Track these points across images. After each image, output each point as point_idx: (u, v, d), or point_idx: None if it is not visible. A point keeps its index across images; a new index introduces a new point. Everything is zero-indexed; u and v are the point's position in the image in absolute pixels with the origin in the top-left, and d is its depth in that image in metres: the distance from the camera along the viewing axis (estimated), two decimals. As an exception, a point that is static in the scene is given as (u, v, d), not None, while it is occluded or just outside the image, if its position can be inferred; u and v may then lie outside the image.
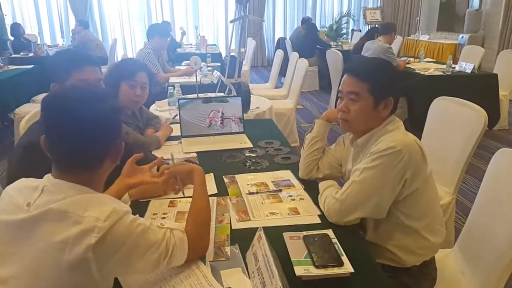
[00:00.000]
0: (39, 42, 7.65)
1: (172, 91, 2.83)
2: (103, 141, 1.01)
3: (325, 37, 8.67)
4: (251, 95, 3.01)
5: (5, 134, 4.95)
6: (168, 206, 1.52)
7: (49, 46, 7.26)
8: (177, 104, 2.25)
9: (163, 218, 1.43)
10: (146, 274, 1.09)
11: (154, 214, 1.46)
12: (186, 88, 3.16)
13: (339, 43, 7.95)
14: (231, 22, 3.14)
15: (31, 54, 6.26)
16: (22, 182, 1.04)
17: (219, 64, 4.74)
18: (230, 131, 2.28)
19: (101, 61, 5.50)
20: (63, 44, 8.19)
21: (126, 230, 0.95)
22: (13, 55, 6.42)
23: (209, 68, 4.15)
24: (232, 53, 3.55)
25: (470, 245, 1.65)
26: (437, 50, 7.85)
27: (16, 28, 7.00)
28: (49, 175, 1.00)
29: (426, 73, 4.60)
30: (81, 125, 0.96)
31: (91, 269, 0.90)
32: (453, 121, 2.28)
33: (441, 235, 1.47)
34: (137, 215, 1.03)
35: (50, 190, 0.96)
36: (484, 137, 2.13)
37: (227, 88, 2.89)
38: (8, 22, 8.13)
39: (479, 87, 4.43)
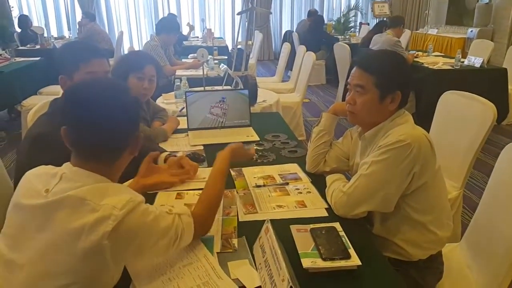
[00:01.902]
0: (45, 34, 7.68)
1: (179, 84, 2.83)
2: (123, 133, 1.04)
3: (333, 31, 8.62)
4: (258, 88, 3.00)
5: (13, 126, 4.98)
6: (176, 198, 1.52)
7: (55, 39, 7.27)
8: (184, 97, 2.24)
9: (170, 210, 1.43)
10: (156, 259, 1.10)
11: (161, 206, 1.45)
12: (193, 81, 3.16)
13: (347, 37, 7.89)
14: (238, 14, 3.14)
15: (37, 46, 6.28)
16: (42, 168, 1.06)
17: (225, 57, 4.74)
18: (237, 124, 2.28)
19: (108, 53, 5.52)
20: (69, 37, 8.21)
21: (140, 218, 0.98)
22: (20, 47, 6.44)
23: (216, 61, 4.14)
24: (239, 46, 3.53)
25: (477, 240, 1.65)
26: (446, 44, 7.77)
27: (24, 20, 7.02)
28: (68, 163, 1.03)
29: (435, 67, 4.57)
30: (103, 117, 0.98)
31: (106, 256, 0.92)
32: (462, 116, 2.26)
33: (449, 229, 1.47)
34: (148, 204, 1.05)
35: (69, 178, 0.98)
36: (492, 132, 2.11)
37: (234, 81, 2.89)
38: (15, 14, 8.17)
39: (488, 82, 4.38)
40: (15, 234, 0.99)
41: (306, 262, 1.10)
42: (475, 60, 4.63)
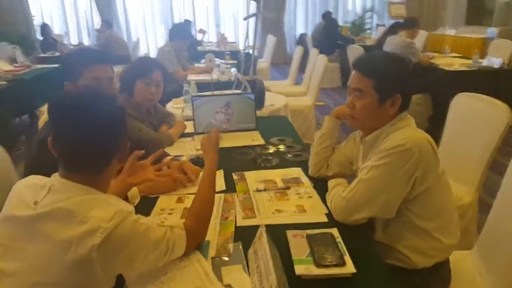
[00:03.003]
0: (65, 42, 7.85)
1: (187, 88, 2.84)
2: (110, 143, 1.03)
3: (348, 33, 8.55)
4: (267, 92, 3.00)
5: (33, 131, 5.10)
6: (176, 202, 1.53)
7: (73, 46, 7.43)
8: (191, 101, 2.25)
9: (170, 214, 1.44)
10: (146, 270, 1.09)
11: (162, 210, 1.47)
12: (204, 86, 3.17)
13: (362, 38, 7.82)
14: (244, 19, 3.13)
15: (57, 54, 6.43)
16: (32, 179, 1.06)
17: (236, 61, 4.75)
18: (243, 128, 2.27)
19: (124, 60, 5.61)
20: (89, 44, 8.38)
21: (130, 230, 0.96)
22: (41, 55, 6.60)
23: (227, 66, 4.15)
24: (247, 50, 3.53)
25: (489, 247, 1.59)
26: (465, 44, 7.61)
27: (45, 28, 7.21)
28: (56, 174, 1.02)
29: (451, 68, 4.47)
30: (88, 128, 0.98)
31: (95, 268, 0.92)
32: (475, 118, 2.20)
33: (455, 237, 1.42)
34: (139, 215, 1.04)
35: (57, 190, 0.98)
36: (510, 133, 2.05)
37: (243, 85, 2.89)
38: (36, 23, 8.38)
39: (507, 83, 4.26)
40: (6, 243, 0.99)
41: (299, 269, 1.08)
42: (494, 60, 4.51)
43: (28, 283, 0.95)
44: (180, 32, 4.15)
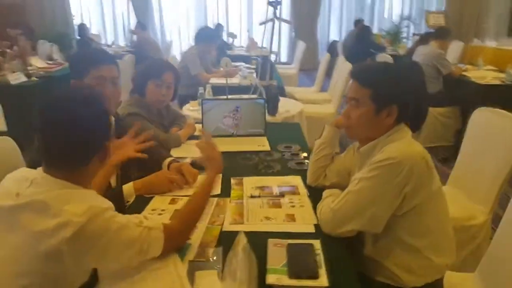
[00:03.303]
0: (103, 41, 8.12)
1: (202, 91, 2.87)
2: (87, 143, 1.06)
3: (383, 41, 8.40)
4: (283, 98, 2.99)
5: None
6: (169, 203, 1.54)
7: (107, 46, 7.66)
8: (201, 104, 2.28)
9: (160, 214, 1.45)
10: (120, 266, 1.11)
11: (153, 210, 1.49)
12: (218, 89, 3.19)
13: (396, 48, 7.66)
14: (260, 24, 3.14)
15: (112, 54, 6.62)
16: (20, 172, 1.10)
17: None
18: (251, 133, 2.27)
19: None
20: (125, 45, 8.63)
21: (102, 226, 0.98)
22: (77, 54, 6.84)
23: (250, 70, 4.17)
24: (264, 55, 3.53)
25: (493, 271, 1.52)
26: (505, 57, 7.28)
27: (82, 28, 7.48)
28: (40, 168, 1.06)
29: (482, 82, 4.30)
30: (65, 128, 1.01)
31: (65, 260, 0.95)
32: (494, 134, 2.12)
33: (449, 256, 1.36)
34: (115, 212, 1.05)
35: (38, 183, 1.02)
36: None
37: (259, 90, 2.89)
38: (76, 22, 8.73)
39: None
40: None
41: (271, 278, 1.06)
42: (531, 75, 4.30)
43: (6, 272, 0.98)
44: (205, 36, 4.20)
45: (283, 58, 10.51)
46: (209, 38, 4.25)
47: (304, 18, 9.83)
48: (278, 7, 2.53)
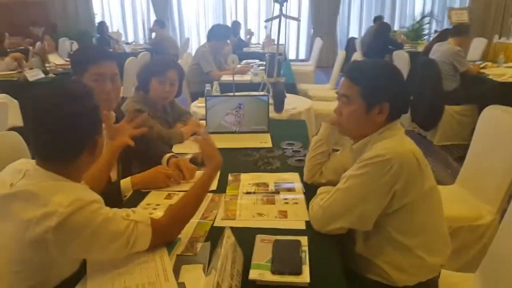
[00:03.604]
0: (123, 39, 8.25)
1: (209, 89, 2.89)
2: (76, 137, 1.08)
3: (403, 37, 8.25)
4: (293, 95, 2.98)
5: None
6: (165, 198, 1.56)
7: (126, 43, 7.78)
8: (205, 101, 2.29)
9: (155, 209, 1.47)
10: (107, 259, 1.13)
11: (148, 204, 1.51)
12: (225, 86, 3.20)
13: (415, 45, 7.52)
14: (265, 21, 3.13)
15: (110, 50, 6.76)
16: (18, 164, 1.14)
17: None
18: (254, 130, 2.27)
19: (173, 58, 5.77)
20: (144, 42, 8.75)
21: (87, 218, 1.01)
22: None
23: (263, 67, 4.16)
24: (272, 52, 3.51)
25: (493, 270, 1.50)
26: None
27: (101, 26, 7.63)
28: (34, 161, 1.10)
29: (500, 79, 4.18)
30: (53, 123, 1.04)
31: (50, 249, 0.98)
32: (504, 133, 2.07)
33: (442, 256, 1.34)
34: (103, 205, 1.08)
35: (30, 175, 1.06)
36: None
37: (266, 87, 2.89)
38: (98, 20, 8.90)
39: None
40: None
41: (253, 274, 1.07)
42: (550, 73, 4.16)
43: (3, 258, 1.03)
44: (218, 33, 4.22)
45: (302, 55, 10.47)
46: (221, 35, 4.27)
47: (324, 15, 9.77)
48: (285, 4, 2.52)
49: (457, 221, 2.01)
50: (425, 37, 9.10)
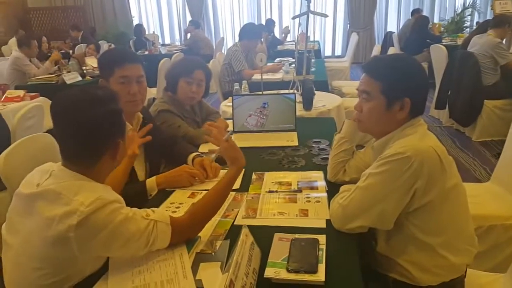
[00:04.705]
0: (160, 41, 8.44)
1: (237, 87, 2.91)
2: (98, 140, 1.13)
3: (443, 30, 7.96)
4: (323, 92, 2.95)
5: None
6: (188, 197, 1.59)
7: (162, 45, 7.96)
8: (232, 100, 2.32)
9: (178, 207, 1.51)
10: (128, 257, 1.17)
11: (171, 203, 1.54)
12: (253, 85, 3.21)
13: (454, 38, 7.24)
14: (293, 18, 3.11)
15: (146, 52, 6.95)
16: (45, 166, 1.20)
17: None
18: (281, 129, 2.27)
19: (209, 59, 5.89)
20: (180, 43, 8.92)
21: (107, 217, 1.05)
22: (133, 53, 7.20)
23: (293, 65, 4.14)
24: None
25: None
26: None
27: (138, 28, 7.85)
28: (60, 162, 1.15)
29: (543, 72, 3.97)
30: (77, 126, 1.09)
31: (72, 247, 1.03)
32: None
33: (468, 256, 1.30)
34: (124, 205, 1.11)
35: (55, 175, 1.11)
36: None
37: (295, 84, 2.88)
38: (135, 23, 9.16)
39: None
40: (11, 218, 1.15)
41: (269, 272, 1.07)
42: None
43: (20, 255, 1.09)
44: (249, 32, 4.24)
45: (338, 51, 10.33)
46: (253, 34, 4.29)
47: (361, 9, 9.60)
48: (312, 0, 2.50)
49: (490, 219, 1.93)
50: (466, 30, 8.74)
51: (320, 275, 1.05)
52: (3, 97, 3.69)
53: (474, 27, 8.77)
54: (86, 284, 1.09)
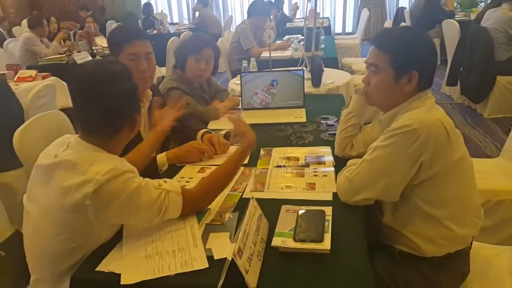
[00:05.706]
0: (168, 20, 8.40)
1: (246, 65, 2.91)
2: (116, 114, 1.17)
3: (456, 5, 7.78)
4: (331, 69, 2.93)
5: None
6: (198, 172, 1.63)
7: (170, 24, 7.92)
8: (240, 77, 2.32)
9: (188, 182, 1.54)
10: (141, 226, 1.21)
11: (181, 178, 1.58)
12: (262, 63, 3.20)
13: (467, 13, 7.08)
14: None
15: (155, 31, 6.93)
16: (63, 138, 1.25)
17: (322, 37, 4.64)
18: (289, 105, 2.28)
19: (218, 37, 5.88)
20: (188, 22, 8.86)
21: (120, 186, 1.09)
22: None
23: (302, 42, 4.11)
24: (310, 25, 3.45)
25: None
26: None
27: (147, 7, 7.80)
28: (77, 135, 1.20)
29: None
30: (95, 101, 1.13)
31: (88, 214, 1.08)
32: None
33: (473, 228, 1.32)
34: (137, 175, 1.16)
35: (72, 147, 1.16)
36: None
37: (304, 61, 2.87)
38: (144, 2, 9.09)
39: None
40: (31, 187, 1.21)
41: (276, 241, 1.11)
42: None
43: (40, 221, 1.15)
44: (257, 10, 4.21)
45: (349, 28, 10.19)
46: (261, 11, 4.25)
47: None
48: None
49: (499, 194, 1.94)
50: (480, 4, 8.52)
51: (326, 244, 1.08)
52: (15, 77, 3.74)
53: (489, 1, 8.58)
54: (101, 251, 1.14)
